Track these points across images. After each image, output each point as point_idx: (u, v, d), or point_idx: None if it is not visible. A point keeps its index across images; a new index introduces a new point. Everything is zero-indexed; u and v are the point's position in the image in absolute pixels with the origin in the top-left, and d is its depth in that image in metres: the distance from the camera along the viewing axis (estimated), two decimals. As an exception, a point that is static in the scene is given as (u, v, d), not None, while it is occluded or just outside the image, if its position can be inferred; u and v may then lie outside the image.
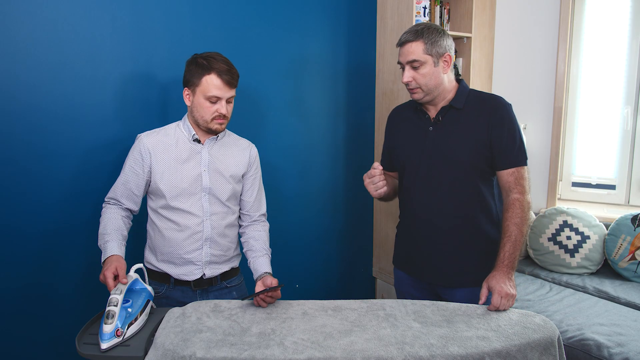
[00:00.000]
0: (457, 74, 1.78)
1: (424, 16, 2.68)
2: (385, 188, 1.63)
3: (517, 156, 1.59)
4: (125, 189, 1.62)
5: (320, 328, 1.30)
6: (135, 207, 1.66)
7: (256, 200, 1.78)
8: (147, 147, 1.60)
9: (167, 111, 2.15)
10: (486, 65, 3.01)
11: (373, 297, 3.03)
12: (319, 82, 2.66)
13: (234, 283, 1.77)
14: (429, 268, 1.69)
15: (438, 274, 1.68)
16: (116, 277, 1.38)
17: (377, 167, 1.61)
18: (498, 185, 1.67)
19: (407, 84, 1.61)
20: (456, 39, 2.88)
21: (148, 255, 1.70)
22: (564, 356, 1.32)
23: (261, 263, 1.66)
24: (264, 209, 1.82)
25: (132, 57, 2.02)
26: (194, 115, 1.61)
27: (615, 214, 2.52)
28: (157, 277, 1.67)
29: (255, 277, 1.64)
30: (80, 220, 1.98)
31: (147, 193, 1.67)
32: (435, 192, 1.64)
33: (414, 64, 1.58)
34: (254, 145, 1.79)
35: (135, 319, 1.33)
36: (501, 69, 2.98)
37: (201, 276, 1.66)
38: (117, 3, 1.96)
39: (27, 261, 1.89)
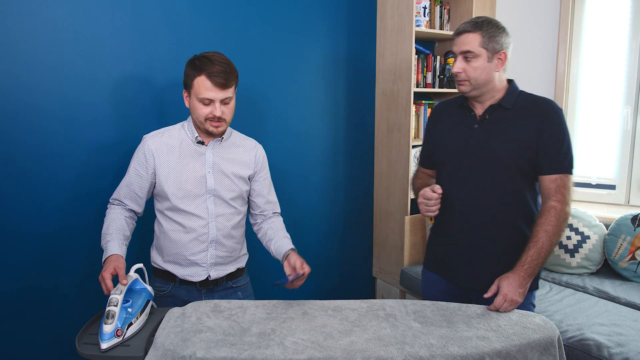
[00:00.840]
0: None
1: (424, 16, 2.69)
2: (437, 212, 1.58)
3: (562, 163, 1.51)
4: (128, 191, 1.62)
5: (320, 328, 1.30)
6: (139, 209, 1.65)
7: (268, 202, 1.77)
8: (151, 149, 1.59)
9: (167, 112, 2.15)
10: (486, 65, 3.01)
11: (373, 297, 3.03)
12: (319, 82, 2.66)
13: (239, 283, 1.75)
14: (464, 270, 1.63)
15: (473, 277, 1.61)
16: (115, 277, 1.38)
17: (437, 190, 1.55)
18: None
19: (456, 75, 1.56)
20: (456, 39, 2.89)
21: (154, 254, 1.70)
22: (564, 356, 1.32)
23: (283, 244, 1.64)
24: (277, 208, 1.82)
25: (132, 58, 2.03)
26: (193, 117, 1.61)
27: (615, 214, 2.52)
28: (163, 276, 1.67)
29: (281, 259, 1.61)
30: (80, 221, 1.98)
31: (154, 194, 1.66)
32: (474, 192, 1.58)
33: (468, 55, 1.52)
34: (260, 145, 1.77)
35: (136, 319, 1.33)
36: (501, 69, 2.98)
37: (207, 277, 1.65)
38: (117, 3, 1.96)
39: (28, 262, 1.89)
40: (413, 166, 2.72)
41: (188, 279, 1.64)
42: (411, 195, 2.69)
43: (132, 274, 1.43)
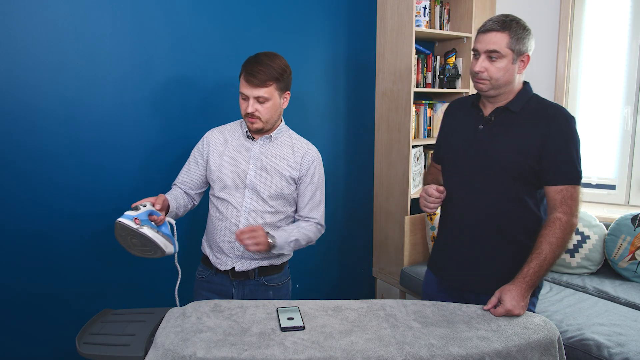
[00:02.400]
0: None
1: (424, 16, 2.69)
2: (434, 211, 1.61)
3: (568, 173, 1.45)
4: (185, 175, 1.74)
5: (321, 328, 1.30)
6: (192, 192, 1.75)
7: (309, 205, 1.72)
8: (207, 140, 1.72)
9: (167, 111, 2.15)
10: (486, 65, 3.01)
11: (373, 297, 3.03)
12: (319, 82, 2.66)
13: (273, 282, 1.72)
14: (453, 271, 1.62)
15: (465, 278, 1.59)
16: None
17: (442, 191, 1.56)
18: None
19: (477, 73, 1.50)
20: (456, 39, 2.89)
21: (204, 238, 1.78)
22: (564, 356, 1.32)
23: (284, 228, 1.67)
24: (317, 216, 1.74)
25: (132, 58, 2.03)
26: None
27: (615, 214, 2.52)
28: (205, 262, 1.75)
29: None
30: (80, 222, 1.98)
31: (207, 178, 1.75)
32: (470, 193, 1.56)
33: (493, 55, 1.47)
34: (315, 151, 1.73)
35: (154, 230, 1.40)
36: (501, 69, 2.98)
37: (232, 268, 1.66)
38: (117, 3, 1.96)
39: (29, 262, 1.89)
40: (413, 166, 2.72)
41: (218, 266, 1.68)
42: (411, 195, 2.69)
43: (166, 218, 1.50)
